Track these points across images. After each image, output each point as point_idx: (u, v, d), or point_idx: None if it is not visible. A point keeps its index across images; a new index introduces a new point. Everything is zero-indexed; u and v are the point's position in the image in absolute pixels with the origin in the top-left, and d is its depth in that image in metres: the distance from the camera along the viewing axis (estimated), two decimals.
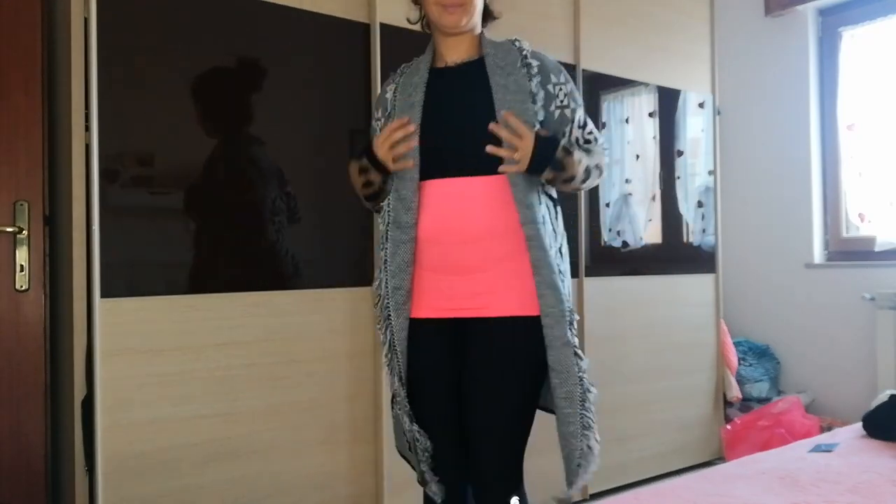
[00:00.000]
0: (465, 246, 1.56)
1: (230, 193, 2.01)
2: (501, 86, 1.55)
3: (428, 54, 1.66)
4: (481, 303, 1.57)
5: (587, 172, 1.60)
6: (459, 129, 1.58)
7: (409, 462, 1.69)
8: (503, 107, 1.53)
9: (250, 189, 2.04)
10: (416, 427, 1.60)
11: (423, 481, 1.64)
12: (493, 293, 1.56)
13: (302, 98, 2.14)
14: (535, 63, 1.59)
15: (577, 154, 1.56)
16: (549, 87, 1.58)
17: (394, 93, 1.64)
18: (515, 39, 1.63)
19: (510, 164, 1.51)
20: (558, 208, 1.66)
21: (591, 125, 1.66)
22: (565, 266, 1.61)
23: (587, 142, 1.64)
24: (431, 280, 1.60)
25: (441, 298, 1.60)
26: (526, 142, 1.49)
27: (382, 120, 1.66)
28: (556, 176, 1.54)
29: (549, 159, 1.51)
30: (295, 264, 2.11)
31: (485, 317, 1.57)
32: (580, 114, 1.63)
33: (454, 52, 1.63)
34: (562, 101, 1.59)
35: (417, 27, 1.74)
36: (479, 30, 1.65)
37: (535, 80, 1.56)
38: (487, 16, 1.67)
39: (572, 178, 1.57)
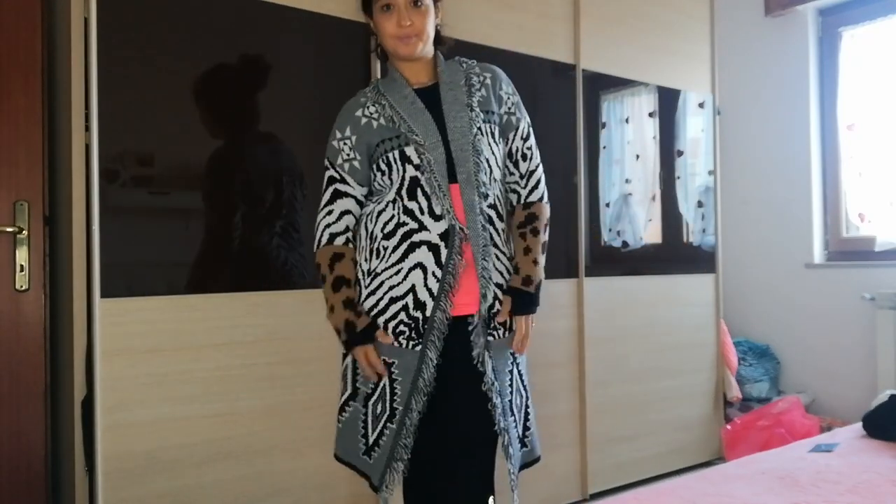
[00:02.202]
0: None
1: (230, 193, 2.01)
2: (448, 101, 1.69)
3: (398, 77, 1.72)
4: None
5: (545, 247, 1.76)
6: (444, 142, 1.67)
7: (354, 468, 1.72)
8: (449, 118, 1.66)
9: (250, 189, 2.04)
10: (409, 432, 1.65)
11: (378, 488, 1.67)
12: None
13: (302, 98, 2.14)
14: (485, 76, 1.74)
15: (539, 258, 1.72)
16: (501, 92, 1.75)
17: (391, 107, 1.67)
18: (462, 60, 1.77)
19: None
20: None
21: (532, 140, 1.79)
22: None
23: (524, 156, 1.77)
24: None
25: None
26: (505, 307, 1.67)
27: (353, 138, 1.69)
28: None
29: (531, 303, 1.70)
30: (295, 264, 2.11)
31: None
32: (524, 126, 1.78)
33: (416, 76, 1.74)
34: (509, 108, 1.76)
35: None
36: (431, 54, 1.76)
37: (480, 93, 1.71)
38: (440, 41, 1.79)
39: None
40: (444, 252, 1.60)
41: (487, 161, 1.67)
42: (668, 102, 3.11)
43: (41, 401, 1.95)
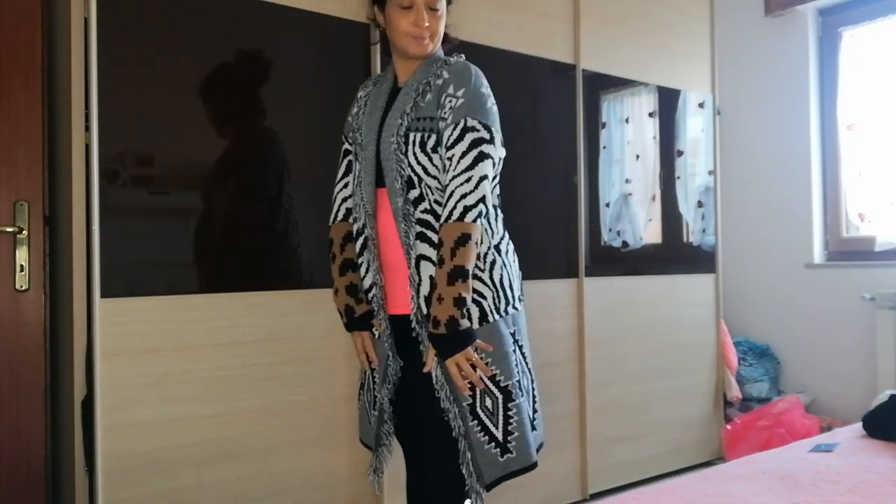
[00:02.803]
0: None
1: (230, 193, 2.01)
2: (395, 107, 1.65)
3: (389, 73, 1.77)
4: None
5: (459, 272, 1.51)
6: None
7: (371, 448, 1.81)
8: (386, 125, 1.65)
9: (250, 189, 2.04)
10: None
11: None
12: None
13: (301, 98, 2.14)
14: (443, 77, 1.62)
15: (445, 293, 1.50)
16: (443, 96, 1.60)
17: (366, 103, 1.77)
18: (446, 59, 1.68)
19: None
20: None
21: (458, 149, 1.54)
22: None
23: (444, 167, 1.57)
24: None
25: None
26: (428, 354, 1.58)
27: (351, 120, 1.81)
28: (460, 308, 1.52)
29: (448, 345, 1.52)
30: (295, 264, 2.11)
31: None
32: (451, 132, 1.56)
33: (405, 74, 1.73)
34: (443, 114, 1.59)
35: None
36: (434, 53, 1.74)
37: (427, 97, 1.62)
38: (445, 40, 1.76)
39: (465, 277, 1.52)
40: None
41: (413, 168, 1.59)
42: (668, 102, 3.11)
43: (41, 401, 1.94)
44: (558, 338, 2.70)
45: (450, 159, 1.55)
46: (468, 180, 1.53)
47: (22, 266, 1.95)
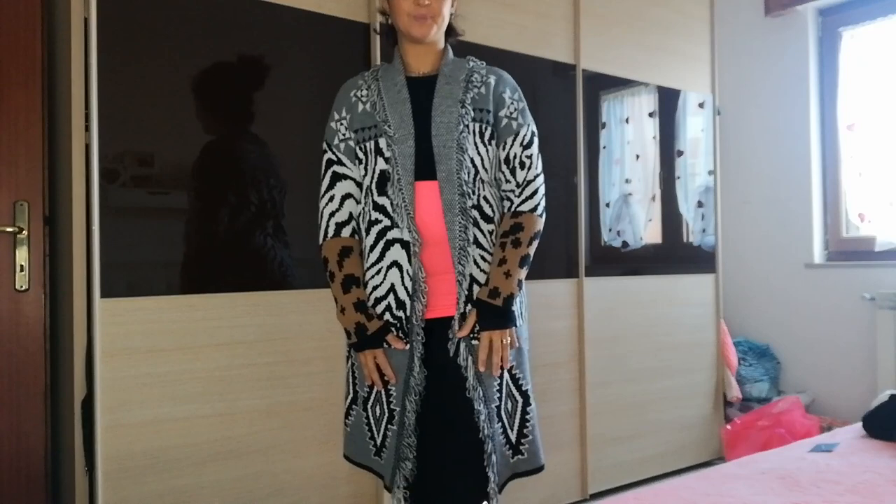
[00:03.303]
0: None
1: (230, 193, 2.01)
2: (441, 95, 1.65)
3: (397, 64, 1.71)
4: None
5: (527, 260, 1.65)
6: (427, 136, 1.63)
7: (369, 469, 1.71)
8: (436, 112, 1.62)
9: (250, 189, 2.04)
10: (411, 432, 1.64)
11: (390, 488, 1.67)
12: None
13: (302, 98, 2.14)
14: (489, 76, 1.70)
15: (513, 271, 1.61)
16: (504, 95, 1.69)
17: (378, 94, 1.66)
18: (471, 59, 1.74)
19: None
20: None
21: (533, 150, 1.71)
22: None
23: (522, 163, 1.68)
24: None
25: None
26: (469, 320, 1.60)
27: (348, 118, 1.69)
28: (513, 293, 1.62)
29: (497, 317, 1.59)
30: (295, 264, 2.11)
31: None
32: (525, 132, 1.70)
33: (420, 63, 1.71)
34: (510, 113, 1.69)
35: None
36: (442, 43, 1.74)
37: (477, 90, 1.66)
38: (451, 32, 1.76)
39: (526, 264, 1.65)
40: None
41: (472, 160, 1.62)
42: (668, 102, 3.11)
43: (41, 401, 1.95)
44: (558, 338, 2.70)
45: (529, 157, 1.69)
46: (543, 182, 1.70)
47: (22, 266, 1.95)
